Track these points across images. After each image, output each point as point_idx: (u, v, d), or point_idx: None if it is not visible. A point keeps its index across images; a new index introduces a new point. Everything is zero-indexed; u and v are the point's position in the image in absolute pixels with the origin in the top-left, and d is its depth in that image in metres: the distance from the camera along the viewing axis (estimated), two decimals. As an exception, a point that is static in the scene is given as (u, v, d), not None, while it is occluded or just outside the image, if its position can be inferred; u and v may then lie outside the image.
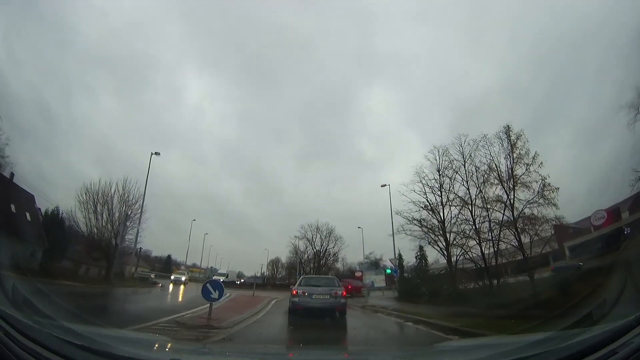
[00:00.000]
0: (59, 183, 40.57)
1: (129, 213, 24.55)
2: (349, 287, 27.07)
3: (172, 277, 34.72)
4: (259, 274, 57.22)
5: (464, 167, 19.19)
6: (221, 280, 45.49)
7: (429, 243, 20.91)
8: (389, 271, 41.74)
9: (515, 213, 16.24)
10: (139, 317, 8.76)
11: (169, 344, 3.26)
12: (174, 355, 2.63)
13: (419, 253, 47.69)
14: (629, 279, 4.20)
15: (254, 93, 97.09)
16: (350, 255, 57.65)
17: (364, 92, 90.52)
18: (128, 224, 24.69)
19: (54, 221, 23.11)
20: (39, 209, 24.07)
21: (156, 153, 25.97)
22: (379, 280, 39.10)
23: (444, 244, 19.96)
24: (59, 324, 2.57)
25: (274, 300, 18.93)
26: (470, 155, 18.76)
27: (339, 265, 47.92)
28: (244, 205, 78.36)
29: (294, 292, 11.25)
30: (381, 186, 29.90)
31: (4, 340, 1.64)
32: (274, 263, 57.11)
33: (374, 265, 44.26)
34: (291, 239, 46.74)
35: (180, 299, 19.10)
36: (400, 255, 46.38)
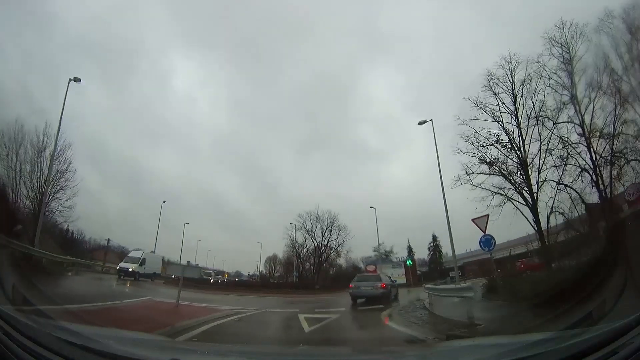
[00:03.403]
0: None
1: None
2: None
3: None
4: (257, 273, 52.19)
5: (571, 65, 13.58)
6: (130, 269, 23.79)
7: (509, 198, 14.50)
8: (410, 262, 38.60)
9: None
10: None
11: (169, 344, 3.27)
12: (174, 355, 2.63)
13: (432, 244, 45.09)
14: (629, 277, 4.20)
15: (248, 78, 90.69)
16: (356, 249, 52.55)
17: (368, 75, 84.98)
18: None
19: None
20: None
21: (75, 79, 20.02)
22: (398, 275, 34.83)
23: (529, 197, 13.94)
24: (59, 324, 2.58)
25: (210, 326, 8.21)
26: (587, 46, 13.19)
27: (341, 261, 42.75)
28: (241, 202, 73.93)
29: (350, 285, 16.43)
30: (418, 124, 20.16)
31: (4, 340, 1.65)
32: (272, 260, 51.72)
33: (384, 258, 39.68)
34: (287, 230, 40.05)
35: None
36: (410, 248, 43.66)
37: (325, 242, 39.04)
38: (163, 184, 65.22)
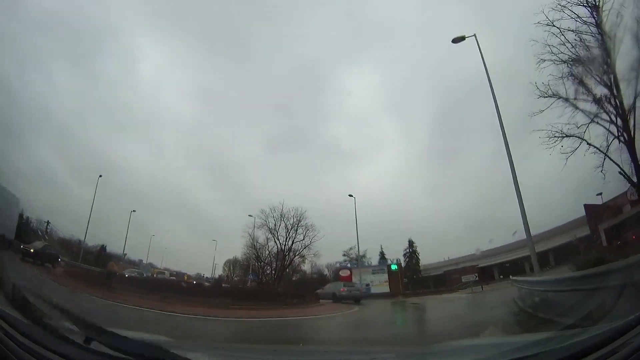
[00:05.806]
0: (21, 172, 35.58)
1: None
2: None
3: None
4: (212, 276, 45.22)
5: None
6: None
7: (609, 131, 10.87)
8: (394, 267, 34.11)
9: None
10: None
11: (169, 344, 3.26)
12: (174, 355, 2.63)
13: (408, 250, 43.10)
14: (628, 277, 4.20)
15: (217, 65, 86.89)
16: (323, 255, 40.69)
17: (346, 70, 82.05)
18: None
19: None
20: None
21: None
22: (380, 282, 31.14)
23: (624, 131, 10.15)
24: (59, 324, 2.58)
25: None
26: None
27: (306, 266, 38.14)
28: (208, 201, 66.99)
29: (342, 290, 21.70)
30: (453, 41, 15.60)
31: (4, 340, 1.65)
32: (231, 263, 47.19)
33: (357, 262, 35.14)
34: (247, 227, 34.58)
35: None
36: (382, 254, 38.31)
37: (290, 242, 33.61)
38: (131, 178, 58.91)
